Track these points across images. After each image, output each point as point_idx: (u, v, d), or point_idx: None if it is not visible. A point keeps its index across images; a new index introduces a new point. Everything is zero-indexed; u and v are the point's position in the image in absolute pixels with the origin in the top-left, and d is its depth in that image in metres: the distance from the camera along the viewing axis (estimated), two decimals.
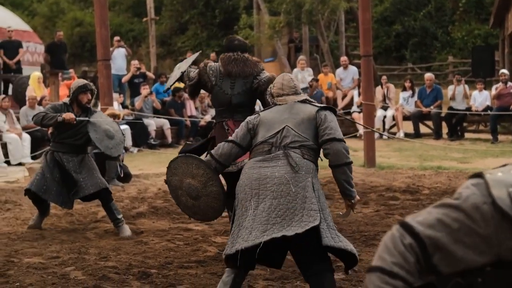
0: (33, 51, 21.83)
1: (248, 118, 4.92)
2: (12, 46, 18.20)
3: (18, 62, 18.33)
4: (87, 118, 7.58)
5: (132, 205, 9.12)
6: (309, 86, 18.30)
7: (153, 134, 16.41)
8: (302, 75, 19.04)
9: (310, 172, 4.57)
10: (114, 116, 10.68)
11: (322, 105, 4.93)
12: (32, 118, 7.79)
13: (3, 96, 15.05)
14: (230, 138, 4.96)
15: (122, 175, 11.01)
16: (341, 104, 18.55)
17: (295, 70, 19.85)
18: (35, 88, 16.07)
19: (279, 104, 4.87)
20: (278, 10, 24.06)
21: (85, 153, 7.72)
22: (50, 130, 8.60)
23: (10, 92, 17.28)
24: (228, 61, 6.40)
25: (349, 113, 17.92)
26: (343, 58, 19.63)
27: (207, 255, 6.28)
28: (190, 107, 17.81)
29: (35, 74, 16.59)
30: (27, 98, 15.12)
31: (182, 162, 4.98)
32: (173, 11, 33.55)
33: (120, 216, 7.49)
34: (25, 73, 18.11)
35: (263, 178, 4.49)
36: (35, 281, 5.40)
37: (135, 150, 15.45)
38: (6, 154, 13.89)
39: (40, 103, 15.26)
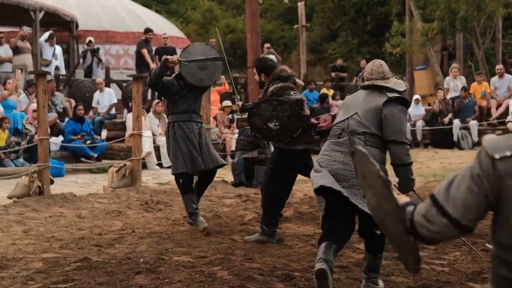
0: None
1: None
2: (166, 53, 18.69)
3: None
4: (185, 59, 7.69)
5: None
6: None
7: None
8: (454, 83, 18.62)
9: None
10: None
11: (392, 95, 5.12)
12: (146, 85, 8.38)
13: (157, 101, 15.61)
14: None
15: None
16: (495, 113, 17.98)
17: (447, 78, 19.45)
18: None
19: (361, 89, 5.29)
20: (431, 16, 23.60)
21: (200, 122, 7.98)
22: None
23: None
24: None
25: (504, 123, 17.35)
26: (499, 66, 19.00)
27: (350, 261, 6.25)
28: None
29: None
30: None
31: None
32: (324, 18, 33.58)
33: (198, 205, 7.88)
34: None
35: (331, 160, 5.08)
36: (184, 278, 5.56)
37: None
38: (158, 157, 14.41)
39: None
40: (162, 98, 15.43)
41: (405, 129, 5.05)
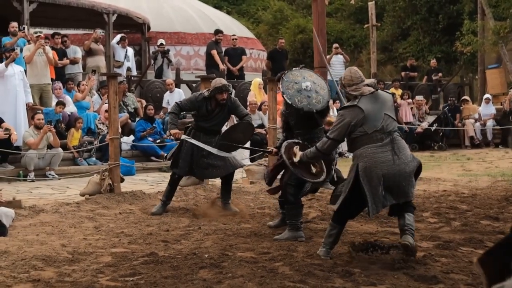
0: (256, 58, 22.70)
1: (350, 117, 5.94)
2: (235, 53, 19.03)
3: (241, 69, 19.12)
4: (194, 141, 8.87)
5: None
6: None
7: None
8: None
9: (407, 147, 6.08)
10: (330, 124, 10.92)
11: (387, 91, 6.51)
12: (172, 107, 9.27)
13: None
14: (332, 136, 6.12)
15: (335, 179, 11.19)
16: None
17: None
18: (256, 93, 16.71)
19: (363, 96, 5.92)
20: (504, 15, 23.25)
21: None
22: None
23: None
24: None
25: None
26: None
27: (410, 258, 6.28)
28: (406, 113, 17.72)
29: (256, 80, 17.25)
30: (248, 103, 15.77)
31: None
32: (395, 17, 33.36)
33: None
34: (248, 78, 18.87)
35: (381, 161, 5.83)
36: (246, 273, 5.70)
37: (350, 155, 15.62)
38: None
39: (260, 108, 15.87)
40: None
41: None
